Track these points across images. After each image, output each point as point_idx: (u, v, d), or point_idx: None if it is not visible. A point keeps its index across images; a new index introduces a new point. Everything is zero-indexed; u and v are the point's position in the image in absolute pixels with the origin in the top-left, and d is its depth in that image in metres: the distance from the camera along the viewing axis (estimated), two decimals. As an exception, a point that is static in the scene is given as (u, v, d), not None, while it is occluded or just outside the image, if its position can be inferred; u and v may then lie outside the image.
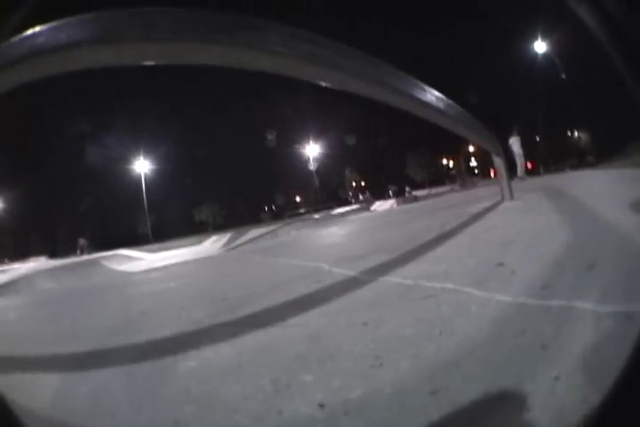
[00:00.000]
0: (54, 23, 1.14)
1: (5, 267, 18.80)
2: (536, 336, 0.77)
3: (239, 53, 1.38)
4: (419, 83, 2.30)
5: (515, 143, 11.35)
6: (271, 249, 4.52)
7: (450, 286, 1.23)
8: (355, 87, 1.87)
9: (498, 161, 4.41)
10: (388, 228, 3.95)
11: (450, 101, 2.84)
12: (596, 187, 3.64)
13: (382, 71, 1.98)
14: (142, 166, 37.30)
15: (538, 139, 31.86)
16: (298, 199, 48.67)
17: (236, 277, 2.55)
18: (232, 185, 50.64)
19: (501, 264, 1.34)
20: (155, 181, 39.23)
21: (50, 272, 9.30)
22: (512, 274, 1.21)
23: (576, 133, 33.87)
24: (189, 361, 1.08)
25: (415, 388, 0.70)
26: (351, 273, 1.79)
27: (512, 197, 3.89)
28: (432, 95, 2.47)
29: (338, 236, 4.60)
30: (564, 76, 26.02)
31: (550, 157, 28.33)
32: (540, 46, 27.01)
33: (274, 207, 49.38)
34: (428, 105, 2.40)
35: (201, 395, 0.86)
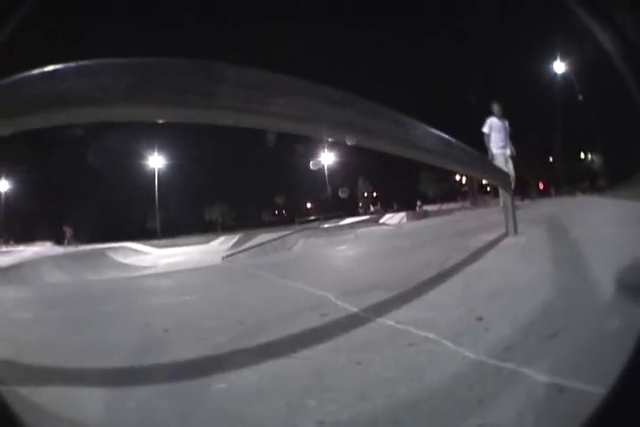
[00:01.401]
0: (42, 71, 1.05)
1: (10, 248, 19.07)
2: (479, 392, 1.03)
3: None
4: (421, 126, 2.19)
5: (496, 131, 6.65)
6: (280, 266, 4.73)
7: (431, 335, 1.49)
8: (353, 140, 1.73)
9: (506, 196, 4.54)
10: (392, 255, 4.18)
11: (456, 142, 2.90)
12: (604, 226, 3.62)
13: (390, 124, 1.87)
14: (156, 162, 38.03)
15: (552, 159, 31.86)
16: (309, 206, 49.02)
17: (249, 300, 2.73)
18: (245, 187, 51.22)
19: (480, 319, 1.58)
20: (167, 178, 39.84)
21: (56, 260, 9.43)
22: (485, 331, 1.46)
23: (589, 156, 33.69)
24: (220, 383, 1.29)
25: (384, 417, 0.99)
26: (354, 309, 2.04)
27: (516, 232, 3.98)
28: (436, 139, 2.42)
29: (344, 258, 4.85)
30: (580, 98, 26.07)
31: (563, 178, 28.33)
32: (559, 66, 27.15)
33: (284, 212, 49.81)
34: (432, 151, 2.41)
35: (234, 412, 1.10)
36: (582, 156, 34.21)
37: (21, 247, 19.76)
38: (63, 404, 1.19)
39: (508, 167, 6.40)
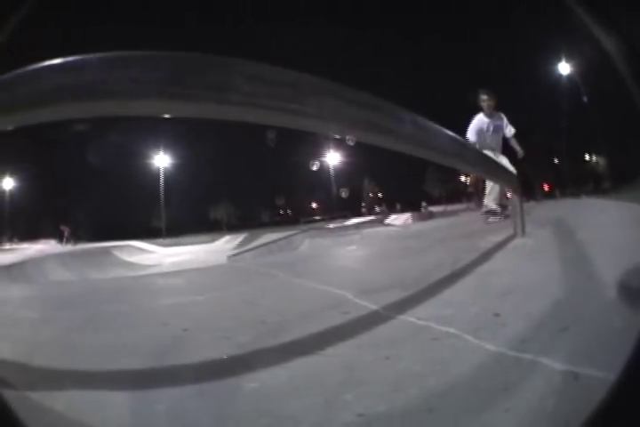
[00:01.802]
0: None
1: (14, 246, 19.05)
2: (502, 380, 1.14)
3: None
4: (436, 127, 2.15)
5: (487, 134, 5.73)
6: (289, 265, 4.73)
7: (453, 330, 1.59)
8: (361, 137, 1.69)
9: (515, 199, 4.57)
10: (402, 256, 4.25)
11: (468, 143, 2.98)
12: (608, 228, 3.63)
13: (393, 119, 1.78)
14: (162, 160, 38.18)
15: (556, 161, 31.85)
16: (314, 206, 49.10)
17: (265, 299, 2.74)
18: (250, 187, 51.36)
19: (497, 315, 1.69)
20: (172, 176, 39.93)
21: (60, 258, 9.47)
22: (503, 326, 1.57)
23: (594, 158, 33.65)
24: (251, 382, 1.30)
25: (419, 407, 1.09)
26: (374, 307, 2.13)
27: (524, 233, 4.04)
28: (450, 140, 2.43)
29: (354, 258, 4.93)
30: (585, 100, 26.06)
31: (568, 180, 28.38)
32: (564, 68, 27.17)
33: (289, 212, 49.90)
34: (447, 152, 2.43)
35: (270, 410, 1.11)
36: (587, 158, 34.18)
37: (25, 245, 19.78)
38: (81, 410, 1.16)
39: (501, 158, 5.67)
